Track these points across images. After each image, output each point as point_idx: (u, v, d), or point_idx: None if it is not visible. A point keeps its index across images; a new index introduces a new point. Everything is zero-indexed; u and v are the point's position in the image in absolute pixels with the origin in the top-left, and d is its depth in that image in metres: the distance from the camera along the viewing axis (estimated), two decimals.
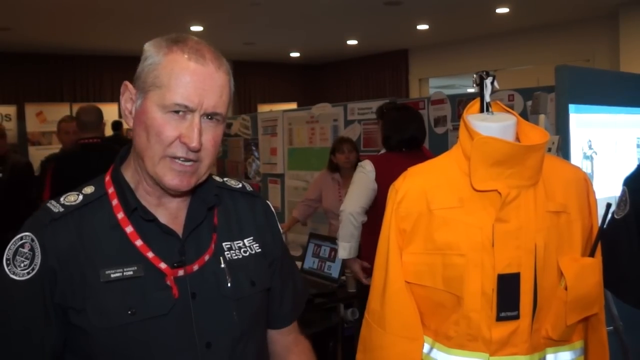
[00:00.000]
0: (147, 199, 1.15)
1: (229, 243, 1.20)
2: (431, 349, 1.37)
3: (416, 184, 1.39)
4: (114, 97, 10.89)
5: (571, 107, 2.55)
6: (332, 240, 3.70)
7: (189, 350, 1.10)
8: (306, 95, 12.41)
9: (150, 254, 1.10)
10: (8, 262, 1.08)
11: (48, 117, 9.09)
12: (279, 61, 12.32)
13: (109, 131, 8.78)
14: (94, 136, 3.86)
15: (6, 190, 4.14)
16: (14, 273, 1.07)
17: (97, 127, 3.90)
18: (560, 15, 8.24)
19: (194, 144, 1.06)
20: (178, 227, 1.15)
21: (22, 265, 1.07)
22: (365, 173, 3.15)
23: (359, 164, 3.30)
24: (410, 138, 3.21)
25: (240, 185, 1.31)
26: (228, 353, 1.14)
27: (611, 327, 2.42)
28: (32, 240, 1.08)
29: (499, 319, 1.28)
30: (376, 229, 1.52)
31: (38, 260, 1.07)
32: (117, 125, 8.85)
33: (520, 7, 7.68)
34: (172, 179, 1.09)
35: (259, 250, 1.24)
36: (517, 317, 1.29)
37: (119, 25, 8.18)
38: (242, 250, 1.21)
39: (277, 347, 1.35)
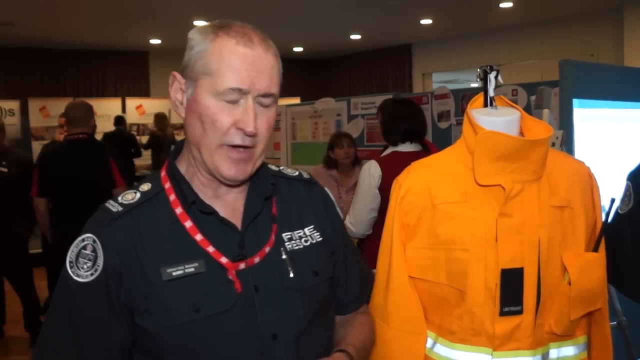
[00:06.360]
0: (204, 191, 1.13)
1: (290, 233, 1.19)
2: (434, 343, 1.37)
3: (420, 179, 1.39)
4: (117, 92, 10.88)
5: (575, 101, 2.54)
6: None
7: (255, 343, 1.09)
8: (309, 89, 12.37)
9: (210, 249, 1.09)
10: (71, 264, 1.08)
11: (51, 112, 9.08)
12: (282, 55, 12.06)
13: (105, 127, 8.80)
14: (80, 132, 3.86)
15: (13, 185, 4.17)
16: (77, 275, 1.07)
17: (85, 123, 3.90)
18: (564, 10, 8.20)
19: (250, 128, 1.05)
20: (236, 220, 1.13)
21: (85, 267, 1.06)
22: (370, 179, 3.13)
23: (365, 165, 3.26)
24: (407, 130, 3.19)
25: (297, 173, 1.29)
26: (294, 344, 1.12)
27: (615, 322, 2.41)
28: (94, 241, 1.07)
29: (503, 313, 1.28)
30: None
31: (101, 261, 1.06)
32: (119, 120, 8.85)
33: (524, 1, 7.64)
34: (229, 169, 1.08)
35: (320, 239, 1.22)
36: (520, 312, 1.29)
37: (122, 19, 8.18)
38: (302, 240, 1.19)
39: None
